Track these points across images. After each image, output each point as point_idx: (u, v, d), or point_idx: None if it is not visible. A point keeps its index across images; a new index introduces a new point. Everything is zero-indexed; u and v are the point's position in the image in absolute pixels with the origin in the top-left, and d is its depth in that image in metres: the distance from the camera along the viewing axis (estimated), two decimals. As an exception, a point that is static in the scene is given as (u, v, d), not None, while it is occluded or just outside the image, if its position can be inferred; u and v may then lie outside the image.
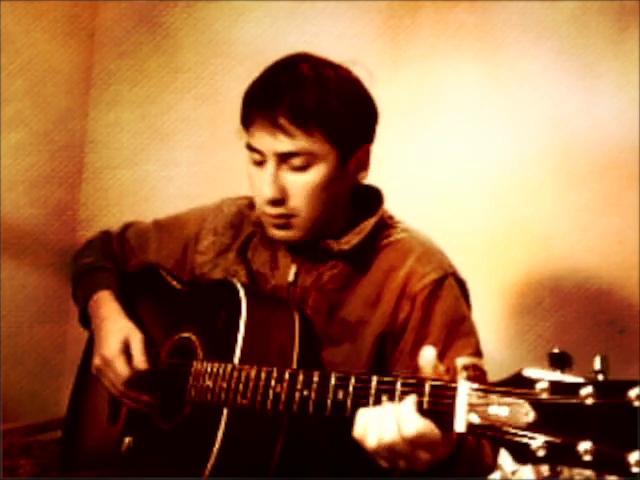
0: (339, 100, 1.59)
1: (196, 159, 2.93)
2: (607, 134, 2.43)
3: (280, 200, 1.59)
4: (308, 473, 1.59)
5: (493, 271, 2.52)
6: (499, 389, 1.06)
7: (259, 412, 1.44)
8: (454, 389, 1.11)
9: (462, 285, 1.67)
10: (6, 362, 2.80)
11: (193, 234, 1.88)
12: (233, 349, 1.52)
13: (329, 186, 1.61)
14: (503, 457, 1.16)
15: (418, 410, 1.16)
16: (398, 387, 1.19)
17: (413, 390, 1.17)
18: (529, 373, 1.04)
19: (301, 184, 1.59)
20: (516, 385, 1.04)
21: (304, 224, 1.62)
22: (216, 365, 1.54)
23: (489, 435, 1.05)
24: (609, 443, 0.93)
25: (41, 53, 2.86)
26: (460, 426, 1.09)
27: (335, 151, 1.60)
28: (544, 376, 1.02)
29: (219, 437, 1.48)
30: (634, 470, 0.90)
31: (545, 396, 1.00)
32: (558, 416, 0.98)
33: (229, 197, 1.92)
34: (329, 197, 1.62)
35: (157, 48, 2.97)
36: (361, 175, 1.68)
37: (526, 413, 1.02)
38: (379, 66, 2.62)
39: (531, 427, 1.01)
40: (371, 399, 1.23)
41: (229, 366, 1.51)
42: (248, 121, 1.62)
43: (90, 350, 1.87)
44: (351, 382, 1.27)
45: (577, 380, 0.98)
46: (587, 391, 0.96)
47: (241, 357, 1.52)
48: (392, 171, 2.52)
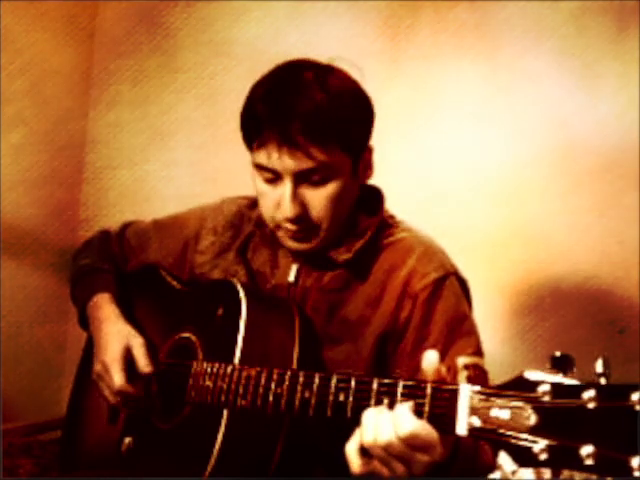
0: (346, 107, 1.57)
1: (196, 159, 2.93)
2: (607, 134, 2.43)
3: (301, 217, 1.58)
4: (308, 473, 1.59)
5: (493, 271, 2.52)
6: (501, 392, 1.06)
7: (259, 412, 1.43)
8: (455, 392, 1.11)
9: (463, 285, 1.67)
10: (6, 362, 2.80)
11: (193, 234, 1.88)
12: (233, 349, 1.52)
13: (347, 193, 1.61)
14: (503, 457, 1.15)
15: (417, 412, 1.16)
16: (399, 389, 1.19)
17: (414, 393, 1.17)
18: (531, 376, 1.03)
19: (321, 198, 1.57)
20: (518, 388, 1.04)
21: (323, 235, 1.62)
22: (216, 365, 1.54)
23: (491, 438, 1.05)
24: (611, 447, 0.93)
25: (41, 53, 2.86)
26: (461, 429, 1.09)
27: (349, 160, 1.59)
28: (546, 379, 1.01)
29: (219, 437, 1.47)
30: (637, 474, 0.90)
31: (547, 399, 1.00)
32: (560, 420, 0.98)
33: (229, 197, 1.91)
34: (345, 205, 1.63)
35: (157, 48, 2.97)
36: (368, 174, 1.68)
37: (528, 416, 1.01)
38: (379, 66, 2.63)
39: (533, 430, 1.00)
40: (372, 401, 1.23)
41: (229, 367, 1.51)
42: (257, 140, 1.57)
43: (89, 350, 1.87)
44: (352, 384, 1.27)
45: (579, 383, 0.98)
46: (589, 394, 0.96)
47: (241, 357, 1.51)
48: (392, 171, 2.52)
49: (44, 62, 2.87)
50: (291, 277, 1.69)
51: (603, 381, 0.96)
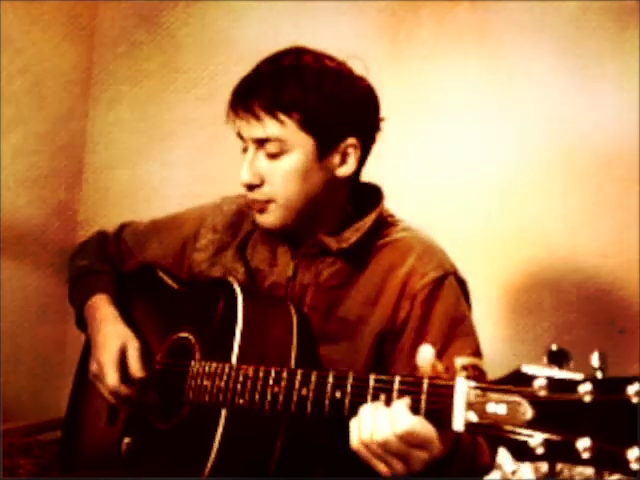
0: (317, 91, 1.60)
1: (196, 159, 2.93)
2: (607, 134, 2.42)
3: (255, 185, 1.63)
4: (308, 473, 1.59)
5: (493, 271, 2.52)
6: (497, 387, 1.06)
7: (258, 411, 1.43)
8: (452, 387, 1.11)
9: (463, 285, 1.67)
10: (6, 362, 2.80)
11: (192, 232, 1.88)
12: (231, 349, 1.52)
13: (306, 175, 1.62)
14: (502, 456, 1.15)
15: (414, 408, 1.16)
16: (396, 386, 1.19)
17: (411, 389, 1.17)
18: (527, 370, 1.03)
19: (275, 170, 1.61)
20: (514, 382, 1.04)
21: (280, 210, 1.64)
22: (214, 365, 1.54)
23: (487, 433, 1.05)
24: (608, 440, 0.93)
25: (41, 53, 2.86)
26: (458, 424, 1.09)
27: (313, 141, 1.61)
28: (542, 373, 1.01)
29: (218, 437, 1.47)
30: (633, 467, 0.90)
31: (543, 393, 1.00)
32: (557, 413, 0.98)
33: (228, 196, 1.91)
34: (307, 186, 1.63)
35: (157, 48, 2.98)
36: (344, 169, 1.65)
37: (524, 411, 1.01)
38: (379, 66, 2.62)
39: (530, 425, 1.00)
40: (369, 398, 1.23)
41: (227, 366, 1.51)
42: (232, 107, 1.66)
43: (88, 351, 1.87)
44: (349, 381, 1.27)
45: (575, 377, 0.98)
46: (585, 388, 0.96)
47: (239, 356, 1.51)
48: (392, 170, 2.52)
49: (44, 62, 2.87)
50: (289, 273, 1.69)
51: (599, 375, 0.96)
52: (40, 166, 2.91)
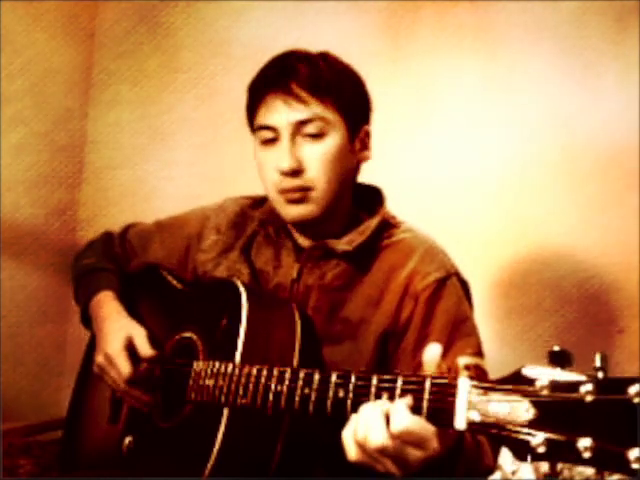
0: (346, 77, 1.67)
1: (196, 159, 2.93)
2: (607, 134, 2.43)
3: (297, 171, 1.61)
4: (308, 473, 1.59)
5: (493, 271, 2.52)
6: (499, 386, 1.06)
7: (260, 411, 1.43)
8: (454, 386, 1.11)
9: (464, 285, 1.68)
10: (6, 362, 2.80)
11: (195, 233, 1.88)
12: (234, 349, 1.53)
13: (342, 158, 1.64)
14: (503, 457, 1.15)
15: (416, 407, 1.16)
16: (399, 385, 1.19)
17: (413, 388, 1.17)
18: (529, 371, 1.03)
19: (317, 154, 1.61)
20: (516, 382, 1.04)
21: (320, 198, 1.63)
22: (217, 365, 1.55)
23: (489, 432, 1.05)
24: (609, 440, 0.93)
25: (41, 53, 2.86)
26: (460, 423, 1.09)
27: (344, 123, 1.64)
28: (544, 373, 1.01)
29: (219, 437, 1.47)
30: (634, 467, 0.90)
31: (545, 393, 1.00)
32: (558, 413, 0.98)
33: (231, 197, 1.92)
34: (342, 171, 1.65)
35: (157, 48, 2.97)
36: (364, 155, 1.71)
37: (526, 410, 1.01)
38: (379, 66, 2.63)
39: (531, 424, 1.01)
40: (372, 397, 1.23)
41: (230, 365, 1.51)
42: (256, 102, 1.66)
43: (91, 350, 1.87)
44: (352, 381, 1.27)
45: (577, 377, 0.98)
46: (587, 388, 0.96)
47: (242, 357, 1.52)
48: (392, 170, 2.52)
49: (44, 62, 2.87)
50: (294, 275, 1.69)
51: (601, 375, 0.96)
52: (40, 166, 2.90)
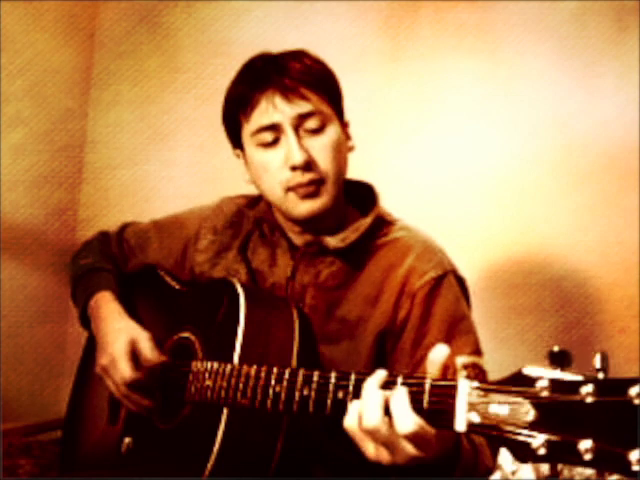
0: (328, 70, 1.69)
1: (196, 159, 2.93)
2: (607, 134, 2.43)
3: (309, 163, 1.61)
4: (308, 473, 1.59)
5: (493, 271, 2.52)
6: (499, 388, 1.06)
7: (259, 411, 1.43)
8: (454, 388, 1.10)
9: (462, 283, 1.68)
10: (6, 362, 2.80)
11: (193, 233, 1.88)
12: (233, 348, 1.53)
13: (342, 149, 1.66)
14: (503, 457, 1.15)
15: (416, 408, 1.15)
16: (398, 385, 1.19)
17: (413, 388, 1.17)
18: (529, 371, 1.03)
19: (322, 146, 1.62)
20: (516, 383, 1.04)
21: (331, 189, 1.63)
22: (216, 365, 1.55)
23: (489, 434, 1.05)
24: (610, 441, 0.93)
25: (41, 53, 2.86)
26: (460, 425, 1.08)
27: (336, 115, 1.66)
28: (544, 374, 1.01)
29: (219, 437, 1.48)
30: (635, 468, 0.90)
31: (545, 394, 1.00)
32: (558, 414, 0.98)
33: (228, 196, 1.92)
34: (343, 162, 1.67)
35: (157, 48, 2.97)
36: (350, 145, 1.72)
37: (526, 412, 1.01)
38: (379, 66, 2.62)
39: (531, 426, 1.00)
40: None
41: (229, 365, 1.51)
42: (247, 108, 1.64)
43: (90, 350, 1.87)
44: (351, 381, 1.27)
45: (577, 378, 0.98)
46: (587, 389, 0.96)
47: (241, 356, 1.52)
48: (392, 170, 2.53)
49: (44, 62, 2.86)
50: (288, 273, 1.69)
51: (601, 376, 0.96)
52: (40, 166, 2.90)
